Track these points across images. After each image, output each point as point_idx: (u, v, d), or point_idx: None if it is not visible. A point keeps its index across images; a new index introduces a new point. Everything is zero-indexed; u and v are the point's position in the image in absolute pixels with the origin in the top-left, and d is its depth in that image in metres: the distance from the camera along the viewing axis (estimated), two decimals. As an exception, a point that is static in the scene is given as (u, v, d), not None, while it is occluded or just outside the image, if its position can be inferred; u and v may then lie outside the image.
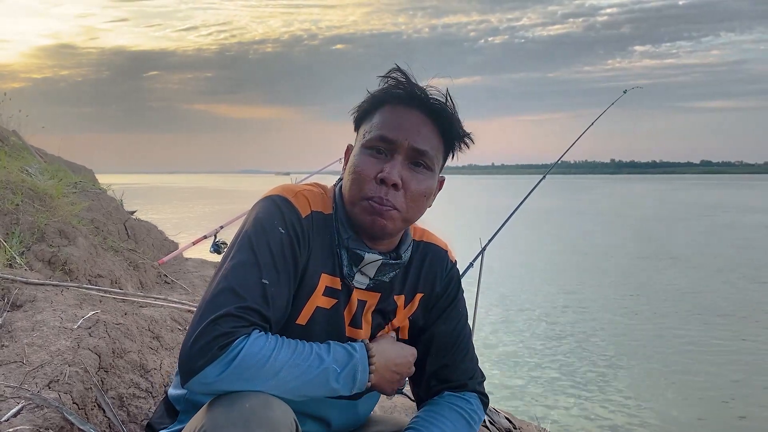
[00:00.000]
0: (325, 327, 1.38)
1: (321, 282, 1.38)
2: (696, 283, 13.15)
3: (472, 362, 1.58)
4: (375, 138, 1.37)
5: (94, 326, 2.36)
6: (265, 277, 1.25)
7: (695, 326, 9.47)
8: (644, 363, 7.74)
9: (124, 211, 5.62)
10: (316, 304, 1.37)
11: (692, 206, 40.24)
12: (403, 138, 1.35)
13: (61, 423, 1.82)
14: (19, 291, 2.60)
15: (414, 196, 1.37)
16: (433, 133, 1.39)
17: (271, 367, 1.18)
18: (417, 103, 1.38)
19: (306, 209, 1.38)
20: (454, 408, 1.49)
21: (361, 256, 1.40)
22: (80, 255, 3.48)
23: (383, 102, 1.40)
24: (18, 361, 2.05)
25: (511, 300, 11.27)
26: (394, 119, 1.37)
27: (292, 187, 1.41)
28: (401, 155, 1.36)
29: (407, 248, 1.49)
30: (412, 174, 1.37)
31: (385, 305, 1.47)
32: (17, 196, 3.67)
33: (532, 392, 6.59)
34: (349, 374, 1.27)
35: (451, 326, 1.55)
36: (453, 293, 1.57)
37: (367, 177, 1.35)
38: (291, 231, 1.32)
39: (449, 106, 1.40)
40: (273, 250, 1.28)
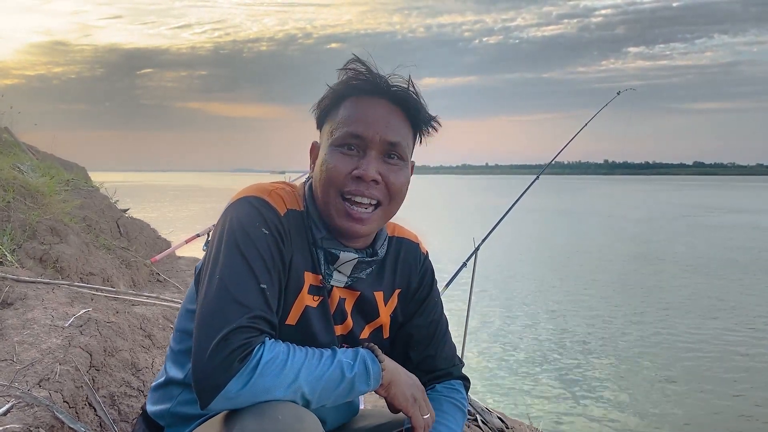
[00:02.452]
0: (315, 325, 1.37)
1: (306, 281, 1.36)
2: (689, 283, 13.20)
3: (452, 349, 1.62)
4: (344, 135, 1.33)
5: (86, 324, 2.34)
6: (262, 282, 1.23)
7: (691, 326, 9.51)
8: (638, 362, 7.76)
9: (116, 209, 5.59)
10: (305, 304, 1.36)
11: (683, 207, 40.39)
12: (374, 132, 1.32)
13: (51, 421, 1.81)
14: (10, 289, 2.58)
15: (395, 189, 1.36)
16: (401, 122, 1.36)
17: (290, 371, 1.17)
18: (381, 93, 1.35)
19: (282, 208, 1.35)
20: (450, 400, 1.53)
21: (336, 256, 1.37)
22: (72, 253, 3.47)
23: (345, 95, 1.36)
24: (8, 359, 2.04)
25: (505, 299, 11.29)
26: (361, 113, 1.33)
27: (264, 187, 1.37)
28: (374, 150, 1.33)
29: (383, 243, 1.47)
30: (388, 167, 1.35)
31: (363, 303, 1.46)
32: (9, 193, 3.65)
33: (524, 391, 6.60)
34: (360, 365, 1.26)
35: (430, 318, 1.57)
36: (428, 285, 1.59)
37: (343, 173, 1.32)
38: (274, 231, 1.29)
39: (413, 91, 1.37)
40: (262, 253, 1.26)
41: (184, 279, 4.69)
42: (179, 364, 1.44)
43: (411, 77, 1.38)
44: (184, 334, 1.43)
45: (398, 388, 1.32)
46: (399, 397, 1.32)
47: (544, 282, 13.44)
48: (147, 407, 1.52)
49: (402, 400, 1.32)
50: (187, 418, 1.41)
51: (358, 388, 1.25)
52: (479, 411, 3.02)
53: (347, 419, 1.58)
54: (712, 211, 36.44)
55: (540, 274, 14.50)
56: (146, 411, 1.52)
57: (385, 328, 1.51)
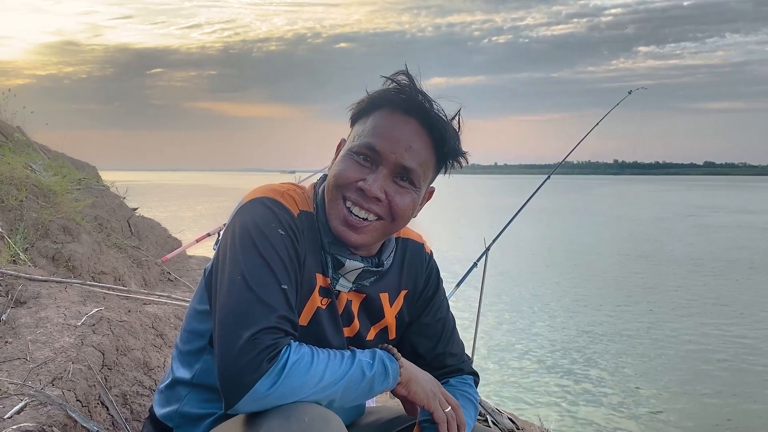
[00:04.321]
0: (326, 326, 1.37)
1: (317, 282, 1.36)
2: (700, 284, 13.13)
3: (461, 346, 1.63)
4: (362, 145, 1.31)
5: (98, 323, 2.35)
6: (284, 282, 1.22)
7: (702, 327, 9.45)
8: (651, 364, 7.72)
9: (127, 209, 5.62)
10: (316, 305, 1.36)
11: (693, 208, 40.13)
12: (391, 151, 1.29)
13: (64, 420, 1.81)
14: (23, 287, 2.59)
15: (398, 210, 1.33)
16: (425, 148, 1.33)
17: (316, 371, 1.18)
18: (417, 112, 1.31)
19: (295, 209, 1.34)
20: (464, 394, 1.55)
21: (341, 263, 1.37)
22: (84, 252, 3.48)
23: (381, 105, 1.34)
24: (22, 357, 2.05)
25: (515, 299, 11.26)
26: (387, 128, 1.31)
27: (276, 188, 1.36)
28: (386, 168, 1.30)
29: (389, 255, 1.47)
30: (396, 188, 1.32)
31: (369, 304, 1.46)
32: (21, 192, 3.67)
33: (535, 392, 6.58)
34: (379, 364, 1.26)
35: (437, 316, 1.58)
36: (435, 285, 1.59)
37: (349, 180, 1.31)
38: (290, 231, 1.28)
39: (452, 123, 1.35)
40: (281, 254, 1.25)
41: (195, 278, 4.70)
42: (187, 364, 1.44)
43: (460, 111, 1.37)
44: (192, 334, 1.43)
45: (417, 385, 1.33)
46: (419, 393, 1.33)
47: (555, 282, 13.39)
48: (154, 409, 1.51)
49: (422, 396, 1.33)
50: (195, 419, 1.40)
51: (377, 387, 1.26)
52: (489, 411, 3.01)
53: (355, 418, 1.59)
54: (718, 211, 36.22)
55: (550, 274, 14.45)
56: (154, 413, 1.51)
57: (390, 329, 1.52)
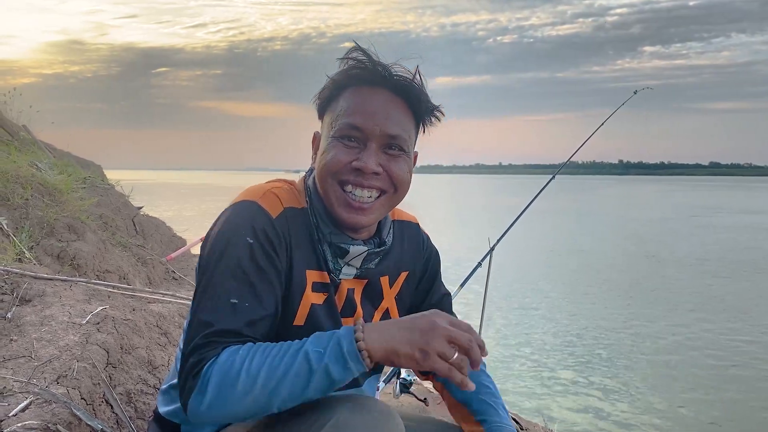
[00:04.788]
0: (323, 322, 1.36)
1: (308, 279, 1.34)
2: (704, 285, 13.10)
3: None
4: (344, 126, 1.30)
5: (103, 322, 2.36)
6: (234, 296, 1.20)
7: (706, 326, 9.43)
8: (655, 363, 7.70)
9: (132, 207, 5.63)
10: (311, 302, 1.34)
11: (698, 209, 40.03)
12: (374, 125, 1.29)
13: (69, 418, 1.82)
14: (28, 285, 2.60)
15: (398, 177, 1.34)
16: (403, 113, 1.33)
17: (248, 374, 1.11)
18: (382, 82, 1.31)
19: (277, 208, 1.32)
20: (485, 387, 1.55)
21: (346, 250, 1.36)
22: (89, 250, 3.49)
23: (346, 85, 1.33)
24: (27, 355, 2.05)
25: (519, 299, 11.24)
26: (361, 104, 1.30)
27: (259, 188, 1.35)
28: (375, 142, 1.30)
29: (389, 231, 1.46)
30: (389, 158, 1.32)
31: (371, 289, 1.46)
32: (27, 190, 3.68)
33: (539, 392, 6.57)
34: (333, 349, 1.12)
35: (439, 297, 1.60)
36: (435, 267, 1.61)
37: (343, 164, 1.30)
38: (262, 237, 1.26)
39: (416, 80, 1.34)
40: (242, 265, 1.23)
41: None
42: None
43: (418, 67, 1.35)
44: None
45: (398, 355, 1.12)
46: (403, 361, 1.12)
47: (559, 282, 13.37)
48: (159, 409, 1.51)
49: (407, 361, 1.12)
50: None
51: (339, 376, 1.12)
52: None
53: None
54: (723, 212, 36.12)
55: (554, 274, 14.43)
56: (158, 413, 1.51)
57: (392, 311, 1.51)
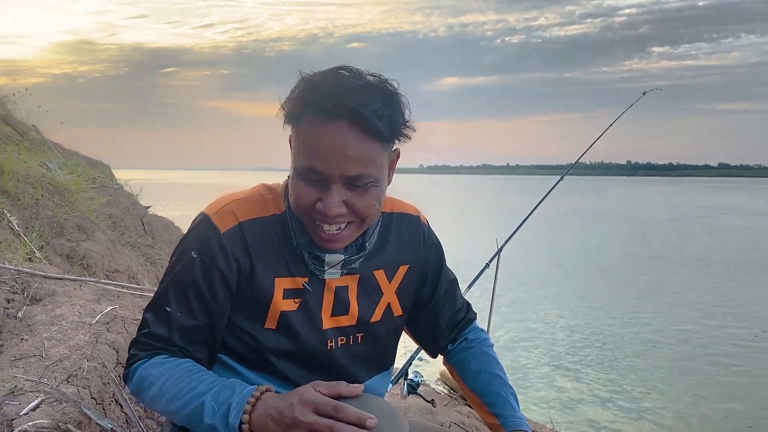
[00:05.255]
0: (297, 327, 1.36)
1: (276, 287, 1.34)
2: (713, 286, 13.05)
3: (463, 297, 1.70)
4: (304, 168, 1.25)
5: (112, 321, 2.37)
6: (170, 305, 1.32)
7: (714, 327, 9.39)
8: (664, 367, 7.67)
9: (141, 207, 5.65)
10: (280, 309, 1.35)
11: (707, 210, 39.85)
12: (333, 168, 1.22)
13: (79, 417, 1.83)
14: (38, 285, 2.62)
15: (364, 211, 1.29)
16: (364, 144, 1.23)
17: (156, 392, 1.26)
18: (340, 112, 1.21)
19: (228, 222, 1.33)
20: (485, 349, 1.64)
21: (321, 258, 1.36)
22: (98, 250, 3.51)
23: (305, 113, 1.25)
24: (37, 354, 2.07)
25: (526, 301, 11.23)
26: (318, 143, 1.22)
27: (220, 201, 1.38)
28: (336, 184, 1.24)
29: (371, 235, 1.44)
30: (354, 194, 1.27)
31: (366, 284, 1.44)
32: (37, 190, 3.70)
33: (546, 395, 6.56)
34: (222, 415, 1.18)
35: (445, 285, 1.62)
36: (439, 257, 1.61)
37: (308, 204, 1.27)
38: (205, 253, 1.31)
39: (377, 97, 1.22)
40: (182, 277, 1.32)
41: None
42: None
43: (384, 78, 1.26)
44: None
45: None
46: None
47: (566, 283, 13.34)
48: None
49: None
50: None
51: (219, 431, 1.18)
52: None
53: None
54: (730, 213, 35.96)
55: (561, 276, 14.40)
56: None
57: (394, 306, 1.50)
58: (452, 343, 1.68)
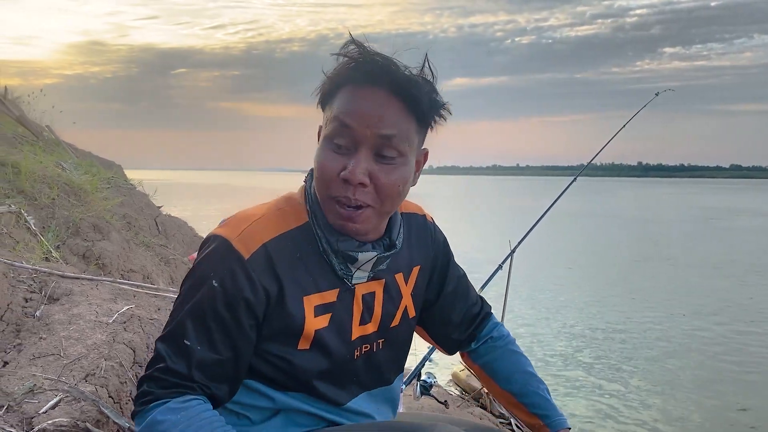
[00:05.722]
0: (330, 343, 1.32)
1: (306, 307, 1.28)
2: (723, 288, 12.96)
3: (475, 291, 1.68)
4: (335, 129, 1.22)
5: (129, 321, 2.39)
6: (188, 338, 1.20)
7: (725, 329, 9.33)
8: (677, 369, 7.63)
9: (155, 207, 5.69)
10: (314, 329, 1.29)
11: (717, 211, 39.59)
12: (365, 126, 1.20)
13: (97, 416, 1.84)
14: (56, 284, 2.64)
15: (386, 190, 1.24)
16: (400, 113, 1.22)
17: None
18: (377, 80, 1.21)
19: (252, 245, 1.23)
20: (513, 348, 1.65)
21: (354, 258, 1.30)
22: (113, 250, 3.53)
23: (342, 84, 1.24)
24: (55, 353, 2.09)
25: (539, 302, 11.19)
26: (353, 104, 1.21)
27: (240, 222, 1.27)
28: (365, 146, 1.21)
29: (399, 231, 1.40)
30: (380, 166, 1.23)
31: (390, 289, 1.43)
32: (53, 190, 3.73)
33: (559, 396, 6.54)
34: None
35: (456, 280, 1.60)
36: (447, 253, 1.60)
37: (331, 175, 1.22)
38: (228, 282, 1.20)
39: (418, 76, 1.24)
40: (203, 308, 1.21)
41: (220, 277, 4.75)
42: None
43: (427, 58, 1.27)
44: None
45: None
46: None
47: (578, 285, 13.29)
48: None
49: None
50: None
51: None
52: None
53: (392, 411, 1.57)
54: (741, 215, 35.70)
55: (573, 277, 14.35)
56: None
57: (409, 308, 1.49)
58: (474, 341, 1.66)
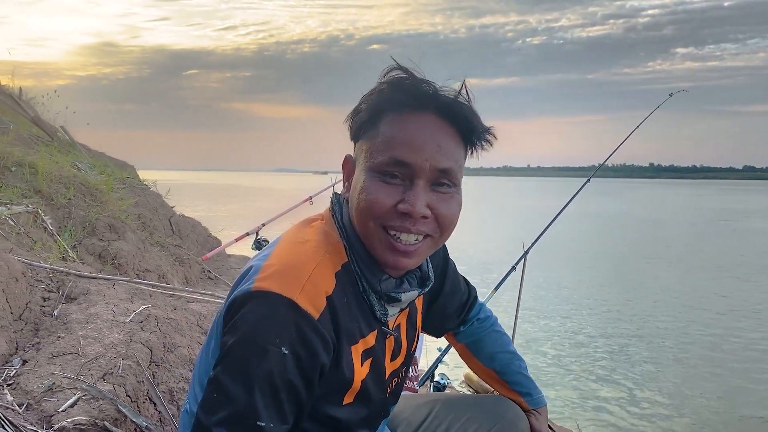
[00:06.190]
0: (371, 390, 1.25)
1: (354, 356, 1.18)
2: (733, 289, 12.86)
3: (462, 277, 1.66)
4: (387, 162, 1.11)
5: (146, 320, 2.40)
6: (262, 419, 1.03)
7: (734, 331, 9.26)
8: (691, 371, 7.57)
9: (169, 208, 5.72)
10: (360, 379, 1.20)
11: (728, 213, 39.28)
12: (423, 159, 1.10)
13: (115, 414, 1.86)
14: (73, 284, 2.66)
15: (446, 220, 1.17)
16: (452, 140, 1.14)
17: None
18: (428, 104, 1.13)
19: (319, 303, 1.09)
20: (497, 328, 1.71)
21: (397, 299, 1.22)
22: (129, 249, 3.55)
23: (385, 109, 1.14)
24: (74, 352, 2.10)
25: (553, 303, 11.14)
26: (406, 134, 1.11)
27: (298, 273, 1.09)
28: (422, 179, 1.12)
29: (429, 264, 1.33)
30: (438, 197, 1.14)
31: (412, 316, 1.40)
32: (70, 190, 3.76)
33: (573, 399, 6.51)
34: None
35: (451, 278, 1.58)
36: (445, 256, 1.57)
37: (384, 208, 1.12)
38: (300, 347, 1.05)
39: (464, 99, 1.15)
40: (273, 380, 1.04)
41: (234, 277, 4.75)
42: None
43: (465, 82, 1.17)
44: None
45: None
46: None
47: (591, 286, 13.23)
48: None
49: None
50: None
51: None
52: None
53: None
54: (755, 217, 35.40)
55: (585, 279, 14.28)
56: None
57: (418, 324, 1.48)
58: (463, 325, 1.69)
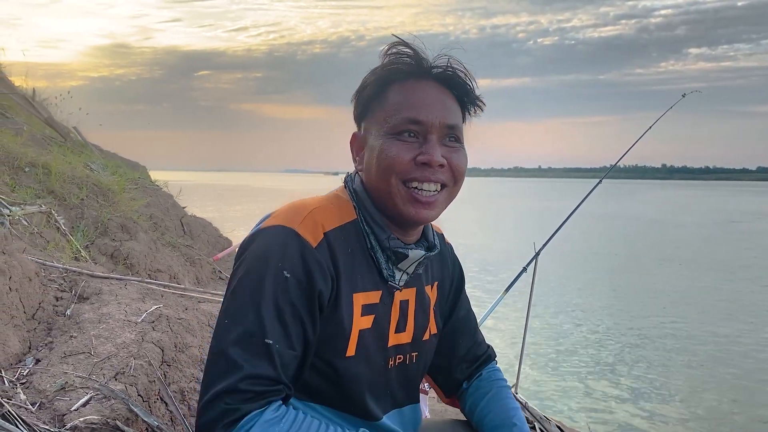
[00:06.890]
0: (370, 347, 1.29)
1: (355, 304, 1.25)
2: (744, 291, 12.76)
3: (481, 334, 1.62)
4: (402, 122, 1.24)
5: (157, 320, 2.41)
6: (269, 336, 1.10)
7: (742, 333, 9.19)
8: (705, 374, 7.52)
9: (180, 208, 5.75)
10: (359, 328, 1.26)
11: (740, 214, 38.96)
12: (434, 117, 1.25)
13: (126, 414, 1.86)
14: (85, 284, 2.67)
15: (459, 171, 1.30)
16: (454, 103, 1.30)
17: None
18: (428, 74, 1.29)
19: (317, 234, 1.20)
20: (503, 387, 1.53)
21: (405, 255, 1.29)
22: (141, 250, 3.57)
23: (391, 80, 1.29)
24: (86, 352, 2.11)
25: (564, 305, 11.10)
26: (416, 97, 1.26)
27: (298, 210, 1.23)
28: (435, 134, 1.25)
29: (433, 234, 1.41)
30: (449, 150, 1.28)
31: (422, 299, 1.40)
32: (82, 191, 3.78)
33: (584, 401, 6.48)
34: None
35: (466, 308, 1.57)
36: (461, 277, 1.57)
37: (404, 162, 1.23)
38: (300, 271, 1.15)
39: (460, 70, 1.31)
40: (278, 301, 1.12)
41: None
42: None
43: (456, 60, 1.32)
44: None
45: None
46: None
47: (602, 288, 13.16)
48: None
49: None
50: None
51: None
52: (538, 419, 2.97)
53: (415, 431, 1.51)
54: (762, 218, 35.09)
55: (596, 281, 14.21)
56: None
57: (431, 324, 1.45)
58: (468, 379, 1.57)
